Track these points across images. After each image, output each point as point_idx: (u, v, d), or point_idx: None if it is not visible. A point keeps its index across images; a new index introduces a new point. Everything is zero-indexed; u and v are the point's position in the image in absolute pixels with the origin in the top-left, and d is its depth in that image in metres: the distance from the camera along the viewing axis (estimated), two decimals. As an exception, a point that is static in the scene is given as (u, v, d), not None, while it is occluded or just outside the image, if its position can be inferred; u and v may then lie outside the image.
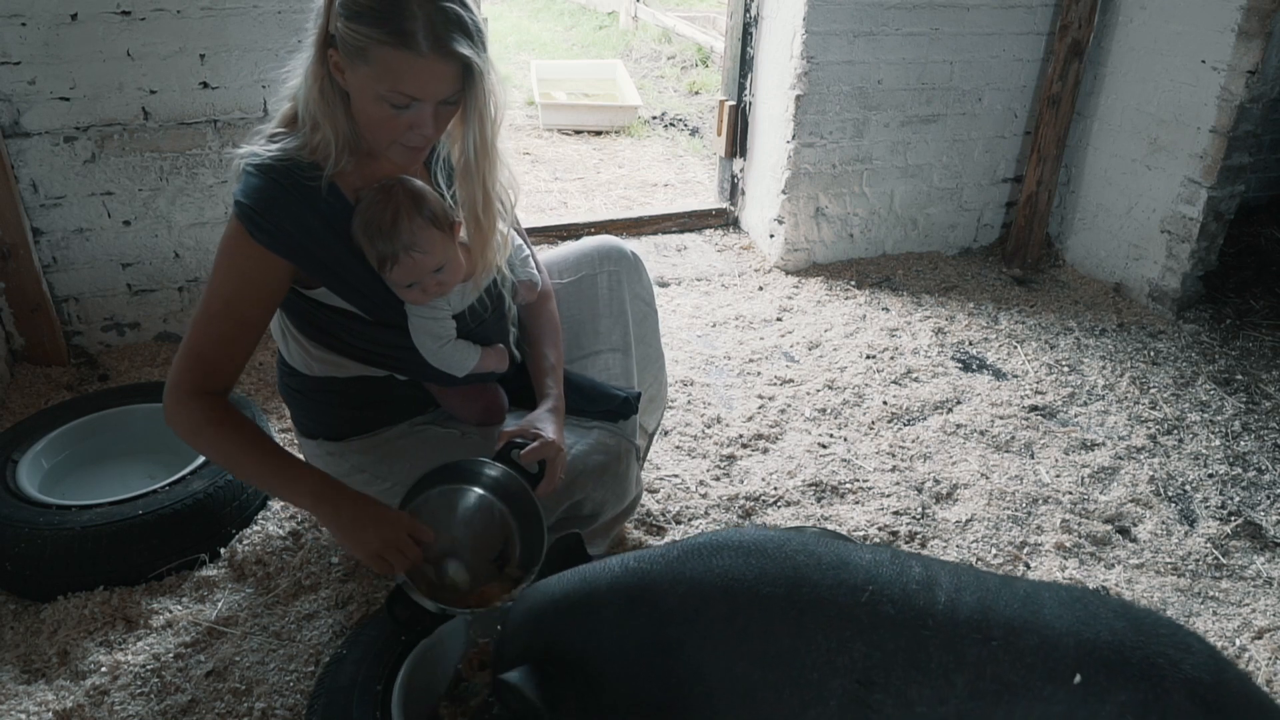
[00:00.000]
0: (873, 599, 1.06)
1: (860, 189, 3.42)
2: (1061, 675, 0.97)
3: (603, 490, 1.70)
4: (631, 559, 1.21)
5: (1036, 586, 1.07)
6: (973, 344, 2.99)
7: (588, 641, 1.18)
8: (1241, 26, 2.83)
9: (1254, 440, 2.53)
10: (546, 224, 3.58)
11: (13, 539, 1.75)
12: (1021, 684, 0.98)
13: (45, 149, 2.39)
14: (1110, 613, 1.02)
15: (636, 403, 1.76)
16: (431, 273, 1.50)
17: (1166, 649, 0.98)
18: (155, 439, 2.14)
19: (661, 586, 1.16)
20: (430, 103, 1.36)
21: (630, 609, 1.17)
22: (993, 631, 1.01)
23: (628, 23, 8.02)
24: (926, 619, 1.04)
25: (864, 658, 1.04)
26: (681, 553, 1.18)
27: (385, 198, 1.46)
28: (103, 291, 2.61)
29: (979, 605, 1.04)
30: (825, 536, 1.19)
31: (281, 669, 1.66)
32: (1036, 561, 2.06)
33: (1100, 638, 0.99)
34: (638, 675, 1.16)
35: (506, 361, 1.68)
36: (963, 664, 1.00)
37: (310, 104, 1.41)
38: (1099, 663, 0.97)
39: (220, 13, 2.41)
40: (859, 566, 1.10)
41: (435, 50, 1.30)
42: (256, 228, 1.42)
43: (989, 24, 3.27)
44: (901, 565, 1.10)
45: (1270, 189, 3.96)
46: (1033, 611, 1.02)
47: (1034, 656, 0.99)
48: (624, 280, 1.88)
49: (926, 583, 1.07)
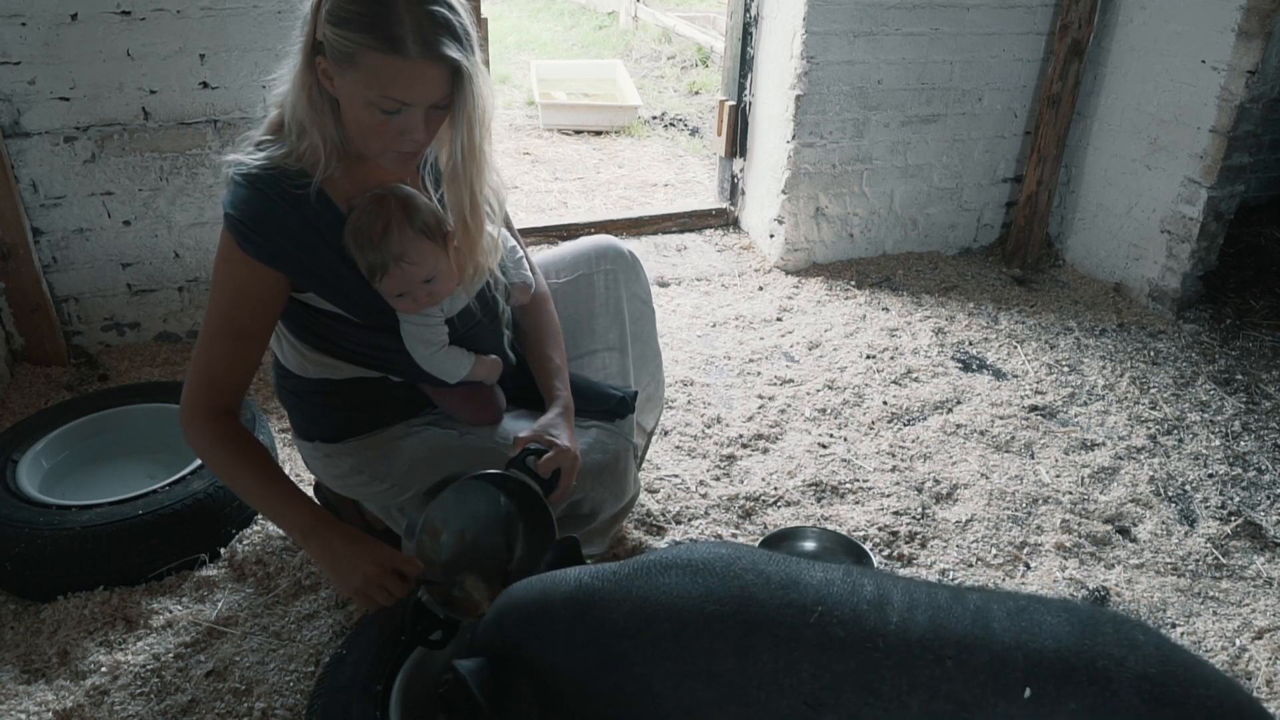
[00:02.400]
0: (821, 620, 1.06)
1: (860, 189, 3.42)
2: (1012, 691, 0.98)
3: (601, 489, 1.70)
4: (587, 574, 1.23)
5: (987, 599, 1.08)
6: (973, 344, 2.99)
7: (542, 651, 1.20)
8: (1241, 26, 2.83)
9: (1254, 440, 2.53)
10: (546, 224, 3.58)
11: (13, 539, 1.75)
12: (975, 702, 0.99)
13: (45, 149, 2.39)
14: (1056, 619, 1.03)
15: (633, 402, 1.76)
16: (422, 283, 1.49)
17: (1111, 649, 0.98)
18: (155, 439, 2.14)
19: (609, 602, 1.17)
20: (420, 107, 1.36)
21: (579, 622, 1.18)
22: (945, 650, 1.02)
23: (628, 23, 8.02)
24: (878, 640, 1.04)
25: (811, 679, 1.05)
26: (632, 570, 1.20)
27: (377, 208, 1.46)
28: (103, 291, 2.61)
29: (931, 624, 1.04)
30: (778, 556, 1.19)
31: (281, 669, 1.66)
32: (1036, 561, 2.06)
33: (1046, 647, 0.99)
34: (586, 687, 1.17)
35: (499, 371, 1.68)
36: (916, 686, 1.01)
37: (298, 111, 1.40)
38: (1047, 673, 0.98)
39: (220, 13, 2.41)
40: (809, 586, 1.10)
41: (424, 54, 1.30)
42: (245, 239, 1.42)
43: (989, 24, 3.27)
44: (853, 584, 1.10)
45: (1270, 189, 3.96)
46: (983, 627, 1.03)
47: (986, 674, 0.99)
48: (621, 279, 1.88)
49: (878, 602, 1.07)
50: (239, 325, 1.48)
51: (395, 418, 1.69)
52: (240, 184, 1.43)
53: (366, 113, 1.35)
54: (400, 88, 1.32)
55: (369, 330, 1.57)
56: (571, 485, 1.56)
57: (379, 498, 1.71)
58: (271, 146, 1.45)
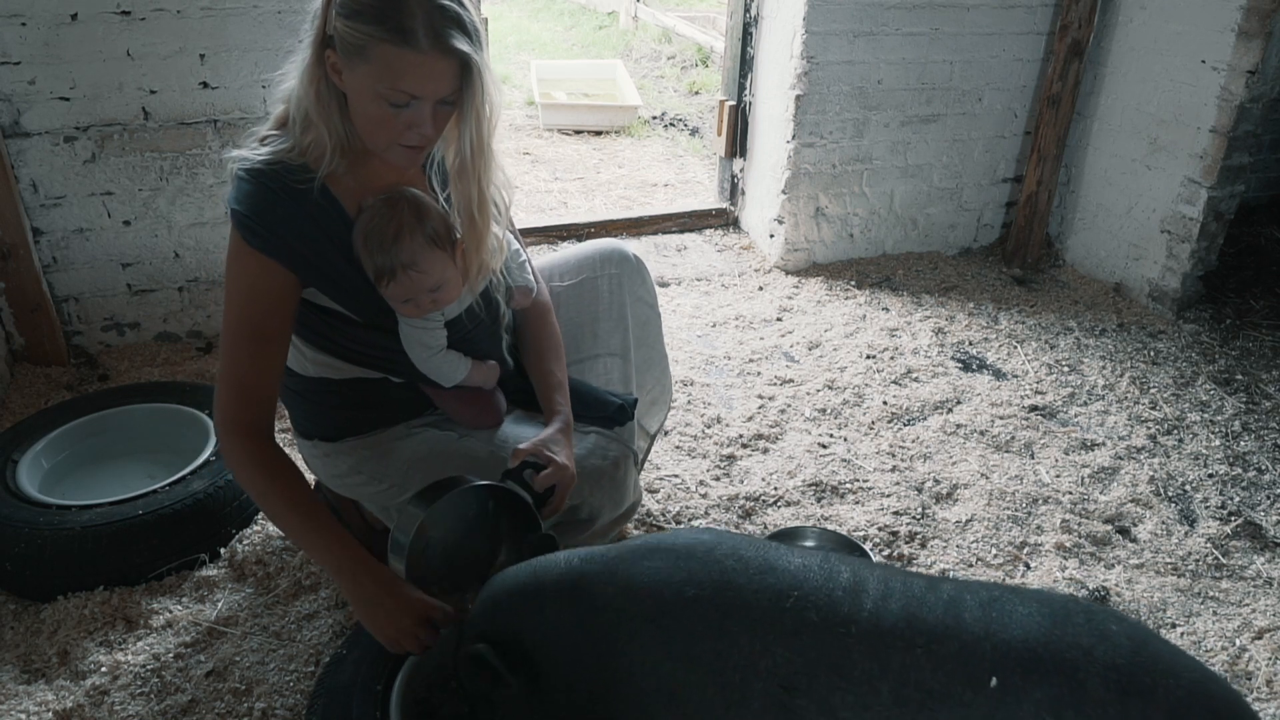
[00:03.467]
0: (797, 605, 1.08)
1: (860, 189, 3.42)
2: (979, 680, 0.99)
3: (599, 495, 1.70)
4: (577, 557, 1.25)
5: (960, 589, 1.09)
6: (973, 344, 2.99)
7: (533, 631, 1.23)
8: (1241, 26, 2.83)
9: (1254, 440, 2.53)
10: (546, 224, 3.58)
11: (13, 539, 1.75)
12: (943, 691, 1.00)
13: (45, 149, 2.39)
14: (1027, 610, 1.04)
15: (633, 409, 1.74)
16: (428, 291, 1.49)
17: (1081, 639, 0.99)
18: (155, 439, 2.14)
19: (595, 585, 1.20)
20: (429, 101, 1.36)
21: (568, 603, 1.21)
22: (916, 639, 1.03)
23: (628, 23, 8.02)
24: (850, 626, 1.06)
25: (786, 663, 1.07)
26: (619, 553, 1.23)
27: (389, 211, 1.45)
28: (103, 291, 2.61)
29: (904, 612, 1.06)
30: (760, 542, 1.21)
31: (281, 669, 1.66)
32: (1036, 561, 2.06)
33: (1014, 637, 1.01)
34: (574, 666, 1.20)
35: (496, 376, 1.67)
36: (887, 672, 1.03)
37: (304, 104, 1.41)
38: (1014, 663, 0.99)
39: (220, 13, 2.41)
40: (785, 572, 1.13)
41: (435, 47, 1.31)
42: (251, 233, 1.42)
43: (989, 24, 3.27)
44: (829, 571, 1.12)
45: (1270, 189, 3.96)
46: (954, 616, 1.04)
47: (954, 663, 1.01)
48: (625, 283, 1.86)
49: (853, 589, 1.09)
50: (256, 326, 1.47)
51: (395, 418, 1.69)
52: (243, 179, 1.43)
53: (375, 106, 1.35)
54: (410, 80, 1.32)
55: (369, 330, 1.57)
56: (564, 504, 1.55)
57: (377, 498, 1.71)
58: (275, 141, 1.45)
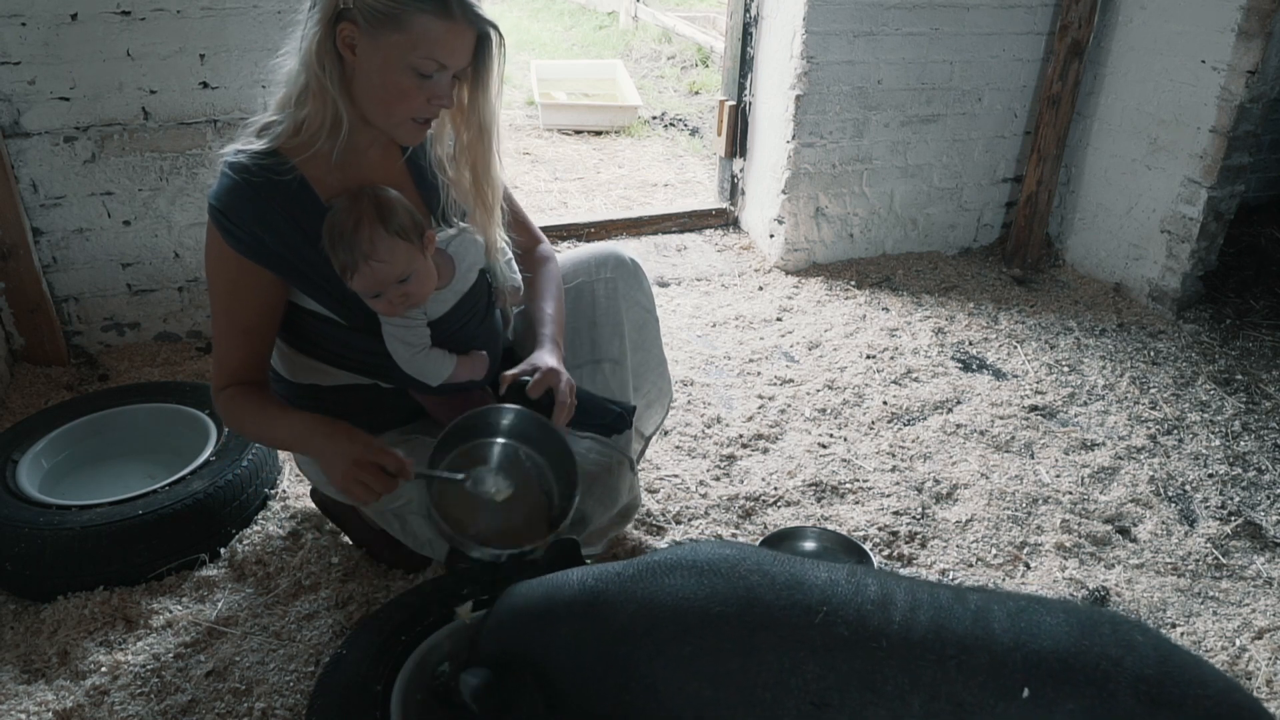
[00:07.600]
0: (827, 620, 1.07)
1: (860, 189, 3.42)
2: (1011, 691, 0.98)
3: (591, 499, 1.70)
4: (591, 575, 1.23)
5: (988, 599, 1.08)
6: (973, 344, 2.99)
7: (546, 653, 1.21)
8: (1241, 26, 2.83)
9: (1254, 440, 2.53)
10: (546, 224, 3.57)
11: (13, 539, 1.75)
12: (975, 703, 0.99)
13: (45, 149, 2.39)
14: (1055, 620, 1.03)
15: (630, 417, 1.73)
16: (395, 284, 1.47)
17: (1109, 649, 0.99)
18: (155, 439, 2.14)
19: (614, 605, 1.18)
20: (450, 72, 1.42)
21: (584, 626, 1.19)
22: (947, 651, 1.02)
23: (628, 23, 8.01)
24: (881, 639, 1.05)
25: (817, 679, 1.05)
26: (636, 571, 1.20)
27: (350, 205, 1.46)
28: (103, 291, 2.61)
29: (933, 624, 1.05)
30: (782, 556, 1.19)
31: (281, 669, 1.66)
32: (1036, 561, 2.06)
33: (1045, 648, 1.00)
34: (591, 689, 1.18)
35: (485, 369, 1.65)
36: (918, 685, 1.02)
37: (305, 75, 1.41)
38: (1045, 674, 0.98)
39: (220, 13, 2.41)
40: (814, 586, 1.11)
41: (465, 18, 1.40)
42: (225, 231, 1.44)
43: (989, 24, 3.27)
44: (857, 585, 1.11)
45: (1270, 189, 3.96)
46: (983, 627, 1.04)
47: (985, 675, 1.00)
48: (621, 288, 1.84)
49: (882, 602, 1.08)
50: (241, 321, 1.49)
51: (386, 425, 1.69)
52: (227, 173, 1.44)
53: (403, 76, 1.40)
54: (443, 49, 1.39)
55: (353, 332, 1.56)
56: (571, 401, 1.56)
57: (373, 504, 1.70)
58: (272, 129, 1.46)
